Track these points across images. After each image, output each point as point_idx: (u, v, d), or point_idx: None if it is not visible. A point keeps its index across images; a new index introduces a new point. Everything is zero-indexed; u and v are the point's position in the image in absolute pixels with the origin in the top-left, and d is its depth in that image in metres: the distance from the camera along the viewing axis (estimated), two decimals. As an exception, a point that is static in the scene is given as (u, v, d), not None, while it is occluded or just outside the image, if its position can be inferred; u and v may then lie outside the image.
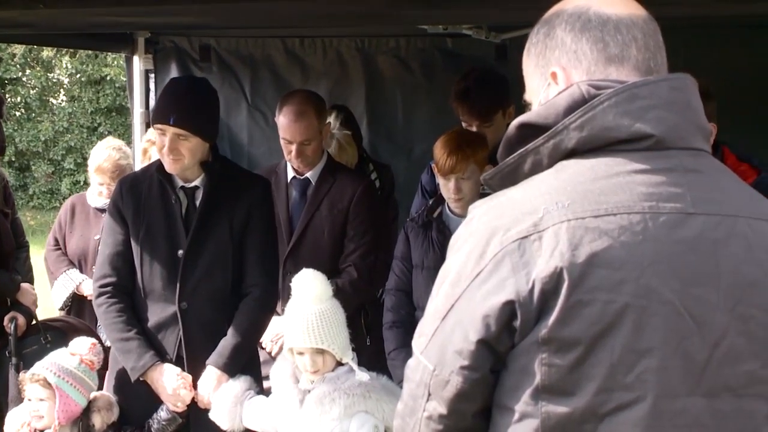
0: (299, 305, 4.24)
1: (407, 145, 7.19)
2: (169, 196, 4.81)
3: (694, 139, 2.20)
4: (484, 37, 6.40)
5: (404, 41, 7.10)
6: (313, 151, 5.54)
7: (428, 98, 7.07)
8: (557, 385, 2.07)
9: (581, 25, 2.23)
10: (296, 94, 5.65)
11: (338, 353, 4.21)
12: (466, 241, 2.17)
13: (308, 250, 5.48)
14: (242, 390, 4.52)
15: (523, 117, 2.23)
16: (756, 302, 2.14)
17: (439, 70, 7.05)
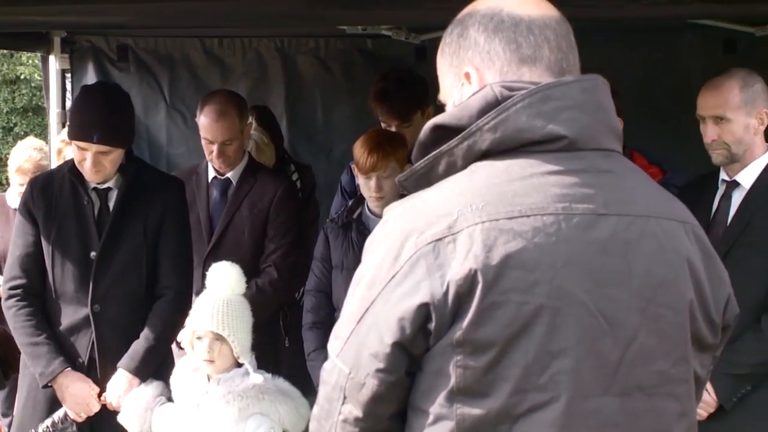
0: (209, 291, 4.26)
1: (327, 145, 7.19)
2: (81, 198, 4.78)
3: (605, 139, 2.21)
4: (403, 38, 6.42)
5: (324, 42, 7.09)
6: (235, 151, 5.54)
7: (348, 99, 7.07)
8: (472, 386, 2.07)
9: (494, 25, 2.23)
10: (217, 94, 5.64)
11: (237, 348, 4.21)
12: (381, 244, 2.16)
13: (228, 249, 5.46)
14: (153, 396, 4.50)
15: (437, 118, 2.23)
16: (666, 302, 2.17)
17: (359, 70, 7.05)
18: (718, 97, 4.40)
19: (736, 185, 4.48)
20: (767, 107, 4.42)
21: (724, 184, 4.52)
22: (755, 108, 4.38)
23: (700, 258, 2.25)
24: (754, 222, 4.38)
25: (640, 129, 5.07)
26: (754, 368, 4.32)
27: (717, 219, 4.50)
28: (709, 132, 4.42)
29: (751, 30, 6.15)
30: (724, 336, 2.34)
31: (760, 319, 4.32)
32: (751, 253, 4.35)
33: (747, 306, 4.06)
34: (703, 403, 4.30)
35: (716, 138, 4.40)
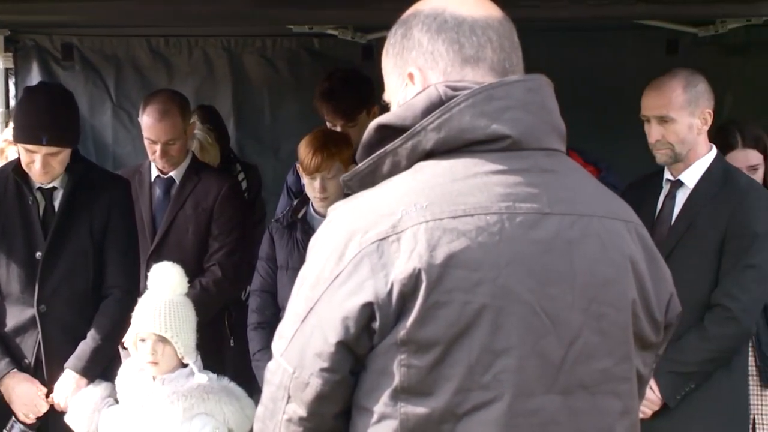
0: (151, 292, 4.25)
1: (274, 145, 7.17)
2: (26, 197, 4.75)
3: (549, 139, 2.22)
4: (350, 37, 6.42)
5: (271, 41, 7.08)
6: (178, 150, 5.52)
7: (295, 98, 7.05)
8: (416, 385, 2.07)
9: (437, 26, 2.24)
10: (160, 94, 5.62)
11: (180, 349, 4.20)
12: (324, 243, 2.16)
13: (172, 249, 5.45)
14: (101, 397, 4.48)
15: (381, 118, 2.23)
16: (609, 301, 2.18)
17: (306, 70, 7.04)
18: (661, 98, 4.43)
19: (680, 185, 4.51)
20: (710, 107, 4.46)
21: (669, 183, 4.55)
22: (698, 108, 4.41)
23: (642, 257, 2.26)
24: (697, 221, 4.42)
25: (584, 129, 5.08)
26: (698, 366, 4.35)
27: (661, 218, 4.53)
28: (653, 132, 4.45)
29: (694, 30, 6.20)
30: (667, 334, 2.36)
31: (704, 318, 4.35)
32: (694, 252, 4.38)
33: (691, 305, 4.13)
34: (647, 401, 4.33)
35: (660, 138, 4.43)
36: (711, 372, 4.38)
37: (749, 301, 4.35)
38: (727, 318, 4.33)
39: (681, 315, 2.38)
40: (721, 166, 4.52)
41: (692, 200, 4.47)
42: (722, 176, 4.47)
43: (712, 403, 4.38)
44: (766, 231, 4.37)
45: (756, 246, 4.34)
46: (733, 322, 4.33)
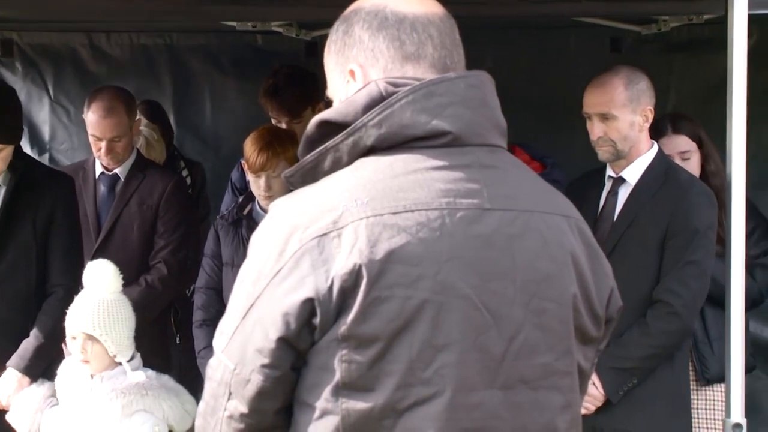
0: (85, 291, 4.23)
1: (217, 142, 7.15)
2: (-33, 196, 4.71)
3: (490, 135, 2.23)
4: (294, 34, 6.40)
5: (213, 38, 7.05)
6: (123, 147, 5.51)
7: (238, 95, 7.03)
8: (357, 381, 2.08)
9: (378, 23, 2.24)
10: (105, 90, 5.59)
11: (112, 348, 4.18)
12: (265, 239, 2.16)
13: (117, 246, 5.44)
14: (44, 397, 4.44)
15: (323, 114, 2.23)
16: (550, 296, 2.19)
17: (250, 67, 7.02)
18: (603, 95, 4.45)
19: (622, 181, 4.54)
20: (652, 104, 4.49)
21: (611, 180, 4.58)
22: (640, 105, 4.44)
23: (583, 252, 2.27)
24: (639, 218, 4.45)
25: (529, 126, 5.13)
26: (640, 362, 4.38)
27: (604, 215, 4.56)
28: (595, 129, 4.48)
29: (637, 29, 6.24)
30: (608, 329, 2.37)
31: (646, 314, 4.38)
32: (636, 248, 4.41)
33: (633, 300, 4.16)
34: (590, 397, 4.36)
35: (602, 135, 4.45)
36: (653, 367, 4.40)
37: (690, 297, 4.39)
38: (668, 314, 4.36)
39: (622, 310, 2.40)
40: (663, 163, 4.56)
41: (634, 197, 4.50)
42: (664, 173, 4.50)
43: (654, 399, 4.41)
44: (706, 227, 4.41)
45: (696, 242, 4.38)
46: (674, 317, 4.36)
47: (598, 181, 4.63)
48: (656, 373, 4.41)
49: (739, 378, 4.08)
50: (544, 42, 6.66)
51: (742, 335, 4.09)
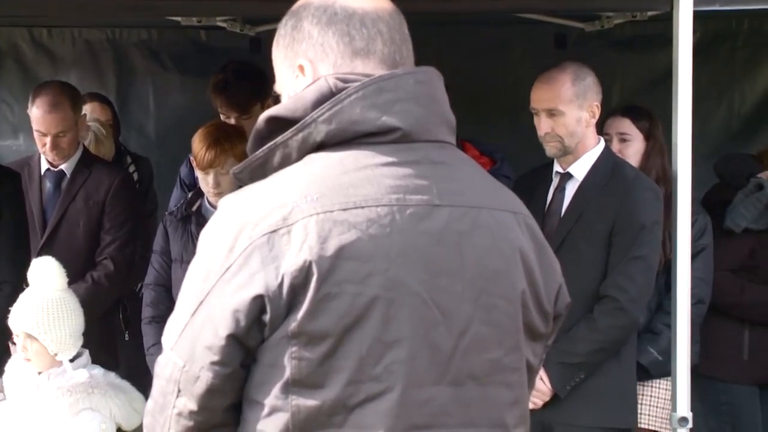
0: (28, 289, 4.20)
1: (161, 137, 7.10)
2: None
3: (439, 131, 2.23)
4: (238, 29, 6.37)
5: (157, 33, 7.00)
6: (68, 143, 5.47)
7: (182, 91, 7.00)
8: (307, 378, 2.07)
9: (327, 18, 2.24)
10: (50, 86, 5.56)
11: (52, 346, 4.15)
12: (215, 236, 2.15)
13: (63, 243, 5.41)
14: None
15: (272, 110, 2.22)
16: (499, 292, 2.20)
17: (194, 62, 6.98)
18: (550, 91, 4.46)
19: (569, 177, 4.56)
20: (598, 100, 4.51)
21: (558, 176, 4.59)
22: (587, 101, 4.46)
23: (532, 248, 2.28)
24: (586, 213, 4.47)
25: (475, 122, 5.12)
26: (587, 357, 4.40)
27: (551, 210, 4.57)
28: (542, 125, 4.49)
29: (581, 25, 6.27)
30: (556, 325, 2.39)
31: (593, 309, 4.40)
32: (584, 243, 4.43)
33: (580, 296, 4.18)
34: (537, 392, 4.37)
35: (549, 131, 4.47)
36: (600, 362, 4.43)
37: (637, 292, 4.41)
38: (615, 309, 4.38)
39: (570, 306, 2.42)
40: (610, 158, 4.58)
41: (581, 192, 4.52)
42: (610, 169, 4.52)
43: (601, 393, 4.43)
44: (652, 222, 4.43)
45: (643, 237, 4.40)
46: (621, 313, 4.38)
47: (545, 177, 4.64)
48: (603, 367, 4.43)
49: (685, 372, 4.12)
50: (489, 38, 6.68)
51: (687, 330, 4.13)
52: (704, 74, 5.89)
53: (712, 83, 6.31)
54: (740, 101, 6.54)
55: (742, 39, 6.54)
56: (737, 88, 6.57)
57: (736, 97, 6.56)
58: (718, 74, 6.46)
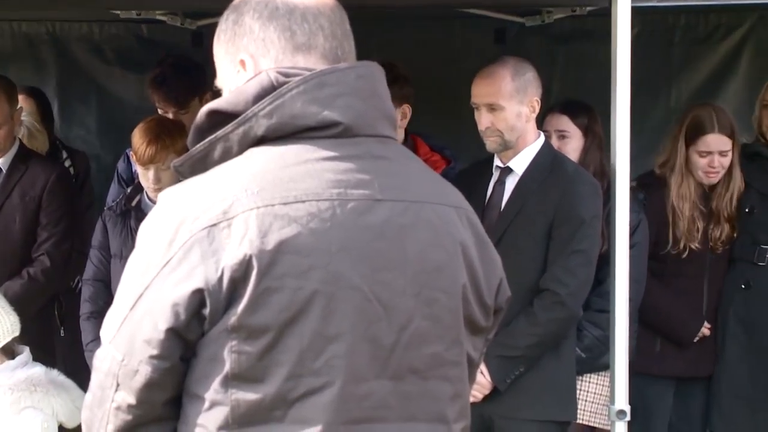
0: None
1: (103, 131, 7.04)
2: None
3: (381, 126, 2.24)
4: (179, 23, 6.34)
5: (97, 26, 6.93)
6: (4, 137, 5.43)
7: (123, 84, 6.94)
8: (247, 372, 2.07)
9: (269, 13, 2.24)
10: (-17, 80, 5.48)
11: None
12: (154, 230, 2.14)
13: (-2, 239, 5.35)
14: None
15: (213, 104, 2.22)
16: (440, 286, 2.21)
17: (134, 56, 6.92)
18: (490, 86, 4.49)
19: (509, 171, 4.58)
20: (538, 95, 4.54)
21: (498, 170, 4.61)
22: (527, 96, 4.48)
23: (473, 242, 2.29)
24: (526, 207, 4.49)
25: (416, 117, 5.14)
26: (527, 350, 4.43)
27: (491, 204, 4.59)
28: (482, 119, 4.51)
29: (521, 20, 6.30)
30: (496, 319, 2.40)
31: (533, 303, 4.43)
32: (523, 237, 4.46)
33: (520, 290, 4.21)
34: (478, 385, 4.39)
35: (490, 125, 4.49)
36: (540, 356, 4.46)
37: (576, 286, 4.44)
38: (554, 303, 4.41)
39: (510, 300, 2.43)
40: (549, 153, 4.61)
41: (521, 187, 4.54)
42: (550, 163, 4.55)
43: (541, 387, 4.46)
44: (591, 217, 4.47)
45: (582, 232, 4.43)
46: (560, 306, 4.41)
47: (485, 171, 4.66)
48: (543, 361, 4.46)
49: (623, 366, 4.16)
50: (429, 33, 6.68)
51: (626, 324, 4.17)
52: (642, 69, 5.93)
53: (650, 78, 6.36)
54: (677, 96, 6.60)
55: (680, 34, 6.60)
56: (675, 83, 6.63)
57: (674, 92, 6.62)
58: (656, 69, 6.51)
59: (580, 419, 4.98)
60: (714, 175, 5.34)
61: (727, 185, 5.37)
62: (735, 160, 5.36)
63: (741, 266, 5.47)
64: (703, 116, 5.35)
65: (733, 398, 5.46)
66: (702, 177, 5.34)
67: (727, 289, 5.49)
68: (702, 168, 5.32)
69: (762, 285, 5.42)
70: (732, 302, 5.47)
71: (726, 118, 5.36)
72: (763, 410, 5.41)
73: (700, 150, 5.31)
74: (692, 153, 5.33)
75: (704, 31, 6.60)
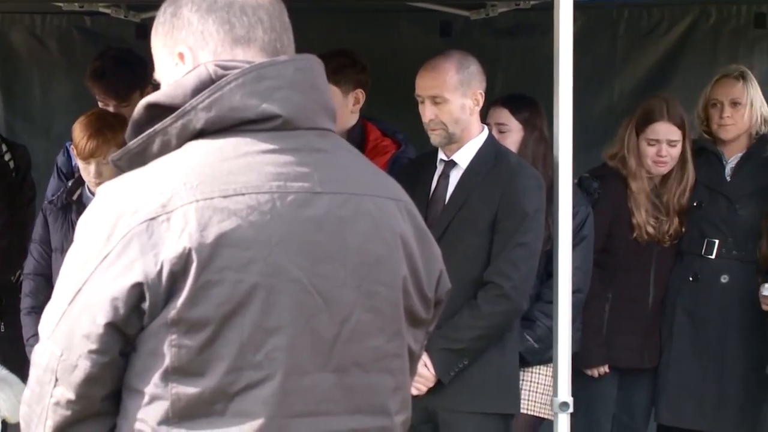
0: None
1: (45, 124, 6.99)
2: None
3: (320, 119, 2.24)
4: (123, 16, 6.30)
5: (40, 18, 6.88)
6: (-57, 130, 5.36)
7: (67, 77, 6.88)
8: (187, 366, 2.07)
9: (207, 5, 2.24)
10: None
11: None
12: (93, 223, 2.13)
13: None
14: None
15: (151, 97, 2.21)
16: (381, 279, 2.22)
17: (78, 49, 6.87)
18: (435, 78, 4.49)
19: (453, 165, 4.59)
20: (482, 88, 4.55)
21: (442, 163, 4.62)
22: (471, 89, 4.49)
23: (413, 235, 2.30)
24: (470, 200, 4.50)
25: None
26: (471, 343, 4.44)
27: (435, 197, 4.60)
28: (427, 112, 4.51)
29: (466, 13, 6.31)
30: (437, 311, 2.40)
31: (477, 295, 4.44)
32: (467, 230, 4.47)
33: (464, 282, 4.22)
34: (421, 378, 4.40)
35: (434, 118, 4.49)
36: (483, 348, 4.47)
37: (520, 279, 4.46)
38: (498, 295, 4.42)
39: (450, 292, 2.44)
40: (493, 146, 4.62)
41: (465, 180, 4.55)
42: (494, 156, 4.56)
43: (484, 380, 4.48)
44: (535, 210, 4.49)
45: (526, 225, 4.45)
46: (504, 299, 4.43)
47: (430, 165, 4.67)
48: (487, 354, 4.47)
49: (566, 358, 4.19)
50: (374, 26, 6.69)
51: (569, 317, 4.20)
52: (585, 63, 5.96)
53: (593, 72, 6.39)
54: (621, 90, 6.64)
55: (623, 28, 6.64)
56: (618, 76, 6.67)
57: (617, 85, 6.66)
58: (599, 63, 6.55)
59: (530, 410, 5.00)
60: (662, 165, 5.37)
61: (679, 179, 5.42)
62: (688, 155, 5.41)
63: (689, 259, 5.52)
64: (654, 105, 5.39)
65: (681, 389, 5.50)
66: (651, 166, 5.37)
67: (675, 282, 5.54)
68: (651, 157, 5.35)
69: (709, 278, 5.46)
70: (679, 294, 5.51)
71: (677, 109, 5.40)
72: (709, 401, 5.45)
73: (648, 138, 5.34)
74: (642, 141, 5.36)
75: (647, 25, 6.64)
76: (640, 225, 5.37)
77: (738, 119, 5.46)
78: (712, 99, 5.52)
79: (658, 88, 6.48)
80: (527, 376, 4.98)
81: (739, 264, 5.45)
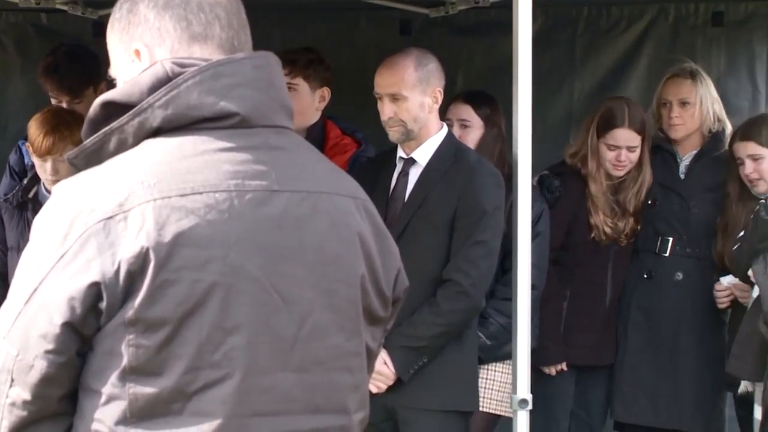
0: None
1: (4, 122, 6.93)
2: None
3: (277, 117, 2.23)
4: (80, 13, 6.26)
5: (-5, 16, 6.84)
6: None
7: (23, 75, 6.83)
8: (145, 366, 2.05)
9: (164, 2, 2.22)
10: None
11: None
12: (49, 223, 2.11)
13: None
14: None
15: (107, 95, 2.20)
16: (339, 277, 2.21)
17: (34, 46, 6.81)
18: (394, 76, 4.50)
19: (412, 162, 4.59)
20: (441, 86, 4.56)
21: (402, 161, 4.62)
22: (430, 86, 4.50)
23: (371, 232, 2.30)
24: (429, 198, 4.51)
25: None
26: (430, 340, 4.45)
27: (395, 195, 4.61)
28: (385, 110, 4.52)
29: (426, 11, 6.31)
30: (395, 309, 2.41)
31: (436, 293, 4.45)
32: (427, 228, 4.48)
33: (424, 280, 4.23)
34: (381, 376, 4.40)
35: (393, 115, 4.50)
36: (443, 346, 4.48)
37: (478, 276, 4.47)
38: (457, 293, 4.44)
39: (409, 290, 2.44)
40: (452, 144, 4.63)
41: (424, 178, 4.56)
42: (453, 154, 4.58)
43: (443, 377, 4.48)
44: (493, 208, 4.50)
45: (484, 222, 4.46)
46: (463, 296, 4.44)
47: (389, 162, 4.67)
48: (445, 351, 4.48)
49: (525, 355, 4.20)
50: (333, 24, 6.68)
51: (528, 314, 4.21)
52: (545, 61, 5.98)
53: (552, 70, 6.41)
54: (580, 88, 6.66)
55: (582, 27, 6.66)
56: (577, 74, 6.69)
57: (577, 83, 6.68)
58: (559, 61, 6.57)
59: (486, 408, 5.01)
60: (621, 168, 5.41)
61: (635, 179, 5.45)
62: (646, 157, 5.44)
63: (644, 257, 5.56)
64: (615, 110, 5.41)
65: (635, 386, 5.53)
66: (610, 168, 5.41)
67: (630, 280, 5.57)
68: (610, 160, 5.39)
69: (663, 275, 5.50)
70: (634, 292, 5.55)
71: (638, 114, 5.42)
72: (664, 398, 5.49)
73: (608, 143, 5.37)
74: (602, 145, 5.39)
75: (607, 23, 6.67)
76: (598, 226, 5.40)
77: (687, 119, 5.49)
78: (662, 98, 5.56)
79: (617, 85, 6.52)
80: (482, 373, 4.98)
81: (693, 261, 5.49)
